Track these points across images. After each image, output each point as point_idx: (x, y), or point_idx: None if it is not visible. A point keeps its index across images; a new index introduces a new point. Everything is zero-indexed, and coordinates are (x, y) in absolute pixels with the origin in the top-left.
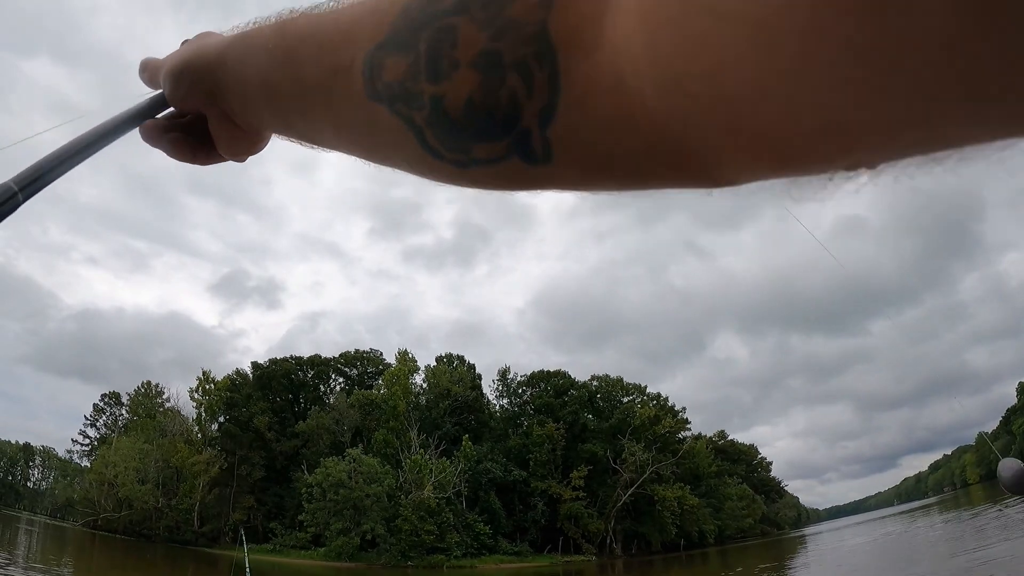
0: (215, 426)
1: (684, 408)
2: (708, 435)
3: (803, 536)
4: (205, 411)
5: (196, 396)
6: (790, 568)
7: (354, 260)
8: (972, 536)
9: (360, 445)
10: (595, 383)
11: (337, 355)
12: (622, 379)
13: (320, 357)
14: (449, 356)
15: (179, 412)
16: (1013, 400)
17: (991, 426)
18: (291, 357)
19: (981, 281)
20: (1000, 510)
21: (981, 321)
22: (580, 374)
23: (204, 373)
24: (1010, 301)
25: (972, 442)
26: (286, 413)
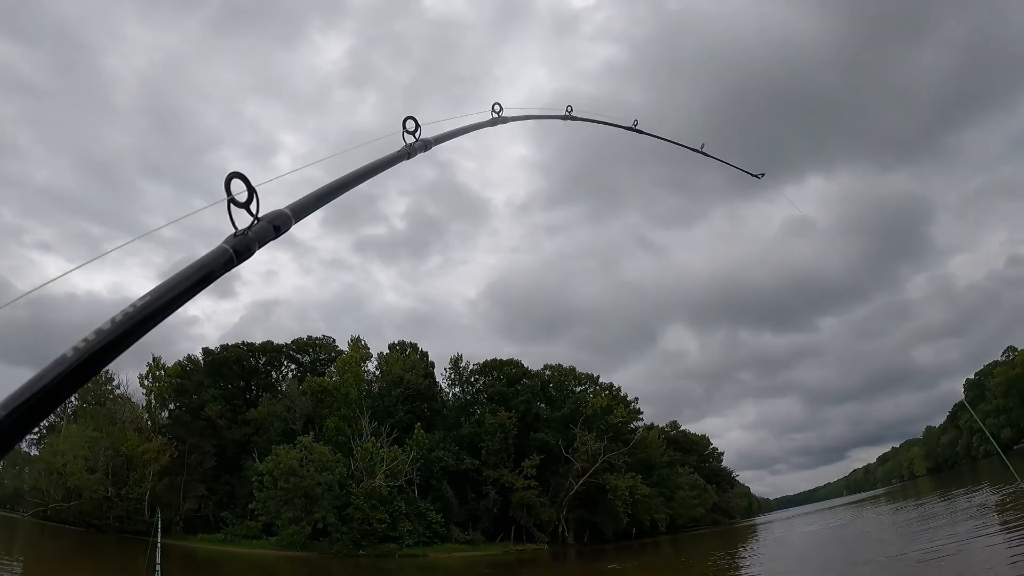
0: (165, 413)
1: (636, 399)
2: (660, 425)
3: (754, 525)
4: (155, 398)
5: (146, 383)
6: (742, 555)
7: (308, 250)
8: (918, 524)
9: (312, 433)
10: (548, 372)
11: (289, 342)
12: (575, 369)
13: (272, 343)
14: (402, 343)
15: (129, 399)
16: (960, 396)
17: (938, 421)
18: (243, 343)
19: (929, 282)
20: (947, 502)
21: (928, 320)
22: (532, 364)
23: (154, 359)
24: (957, 302)
25: (920, 436)
26: (237, 400)
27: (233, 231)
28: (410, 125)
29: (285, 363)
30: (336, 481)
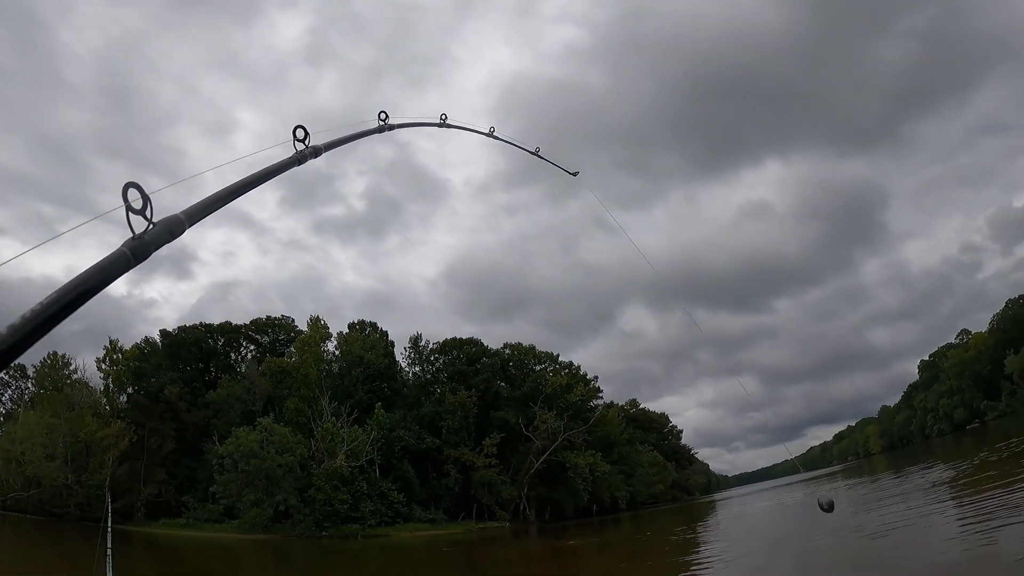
0: (124, 398)
1: (596, 377)
2: (620, 404)
3: (712, 501)
4: (113, 382)
5: (104, 367)
6: (701, 531)
7: (266, 230)
8: (873, 500)
9: (272, 414)
10: (508, 351)
11: (248, 322)
12: (534, 347)
13: (231, 324)
14: (362, 323)
15: (87, 384)
16: (914, 377)
17: (893, 400)
18: (201, 324)
19: (883, 267)
20: (901, 478)
21: (883, 304)
22: (492, 343)
23: (111, 342)
24: (911, 286)
25: (875, 415)
26: (196, 383)
27: (131, 235)
28: (300, 133)
29: (244, 344)
30: (297, 462)
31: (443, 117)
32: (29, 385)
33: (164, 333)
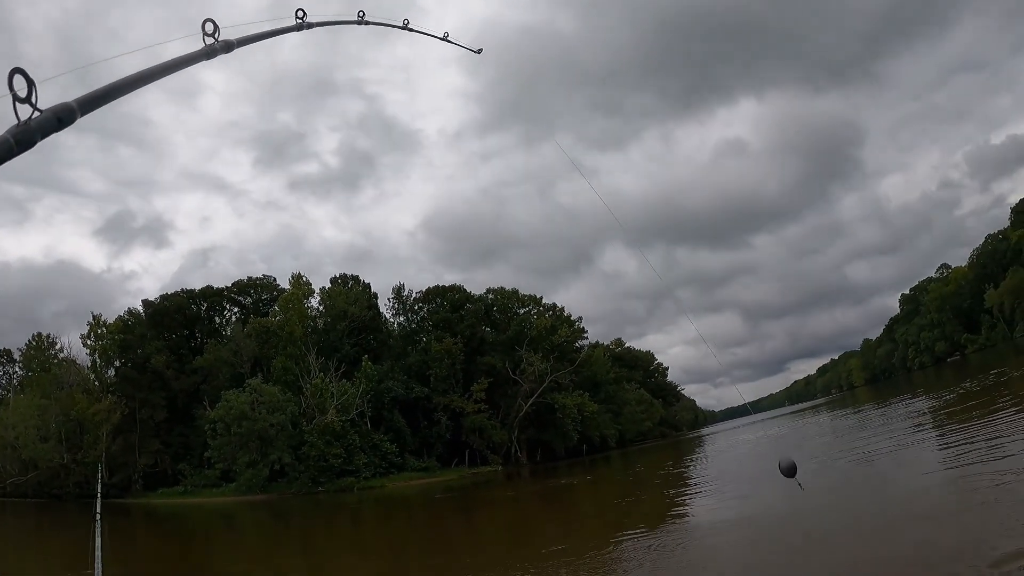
0: (112, 372)
1: (580, 318)
2: (605, 344)
3: (700, 436)
4: (100, 357)
5: (89, 342)
6: (689, 464)
7: (241, 192)
8: (857, 428)
9: (260, 374)
10: (491, 296)
11: (230, 284)
12: (517, 291)
13: (212, 288)
14: (344, 276)
15: (74, 362)
16: (896, 311)
17: (874, 334)
18: (182, 291)
19: (861, 202)
20: (883, 410)
21: (861, 239)
22: (475, 290)
23: (95, 317)
24: (889, 222)
25: (857, 348)
26: (183, 349)
27: (16, 121)
28: (209, 27)
29: (227, 307)
30: (288, 421)
31: (360, 14)
32: (16, 369)
33: (147, 303)
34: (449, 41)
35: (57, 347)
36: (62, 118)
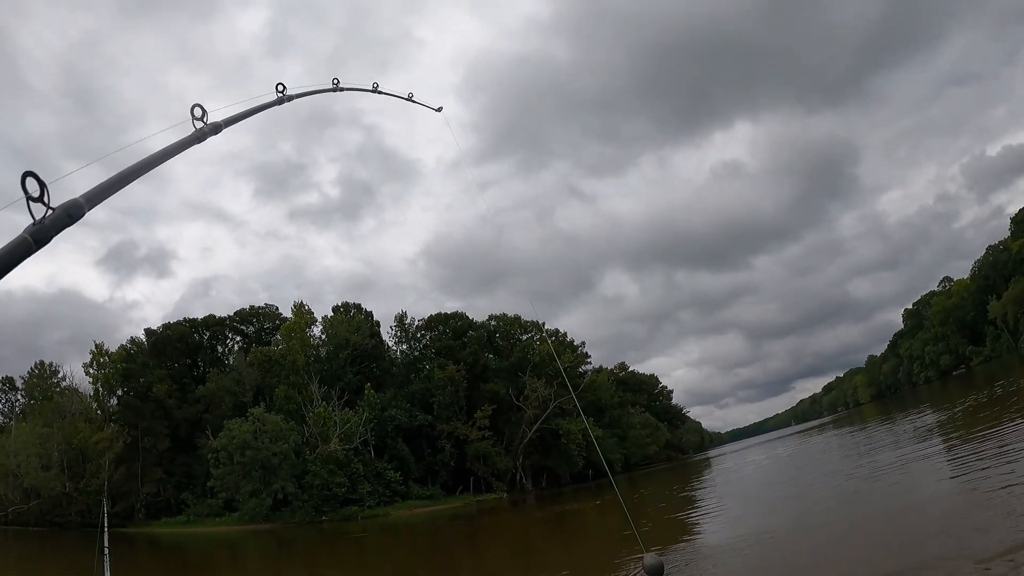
0: (114, 400)
1: (583, 343)
2: (609, 368)
3: (707, 458)
4: (102, 386)
5: (91, 371)
6: (696, 487)
7: (242, 222)
8: (864, 446)
9: (262, 403)
10: (493, 323)
11: (232, 314)
12: (520, 317)
13: (215, 317)
14: (346, 305)
15: (76, 390)
16: (899, 326)
17: (879, 350)
18: (185, 320)
19: (859, 219)
20: (890, 426)
21: (861, 255)
22: (477, 317)
23: (97, 346)
24: (889, 237)
25: (862, 365)
26: (185, 378)
27: (31, 221)
28: (197, 112)
29: (230, 336)
30: (292, 450)
31: (335, 82)
32: (19, 397)
33: (149, 332)
34: (414, 101)
35: (59, 375)
36: (72, 214)
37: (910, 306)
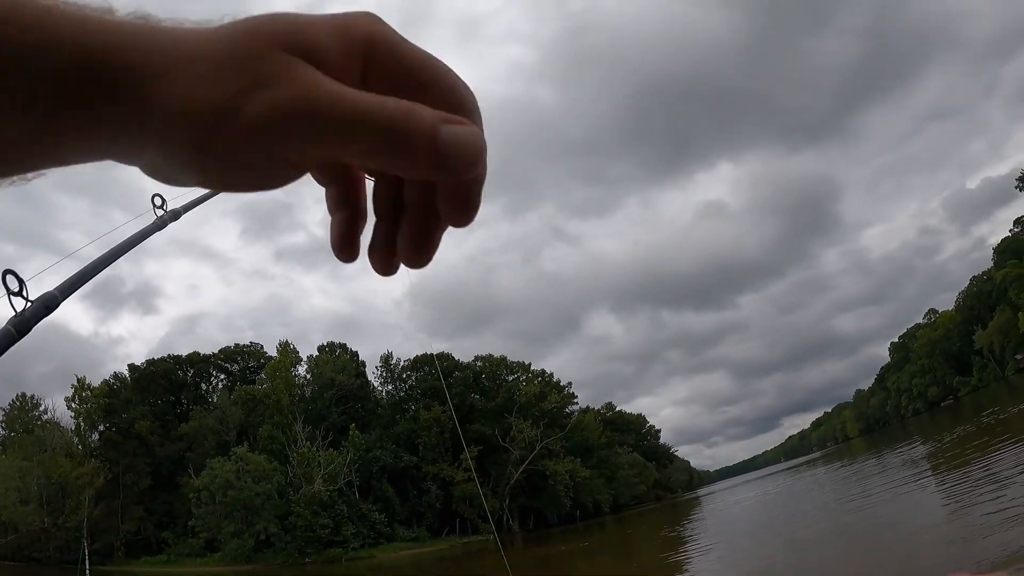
0: (96, 436)
1: (570, 383)
2: (596, 408)
3: (696, 497)
4: (84, 420)
5: (74, 405)
6: (684, 526)
7: (229, 262)
8: (855, 480)
9: (246, 443)
10: (479, 364)
11: (217, 351)
12: (506, 358)
13: (199, 355)
14: (331, 344)
15: (58, 424)
16: (886, 360)
17: (866, 384)
18: (169, 356)
19: (842, 256)
20: (879, 459)
21: (846, 291)
22: (463, 357)
23: (79, 380)
24: (872, 272)
25: (850, 399)
26: (168, 416)
27: (12, 314)
28: (158, 201)
29: (214, 373)
30: (275, 490)
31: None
32: (0, 428)
33: (132, 367)
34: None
35: (41, 408)
36: (48, 306)
37: (896, 339)
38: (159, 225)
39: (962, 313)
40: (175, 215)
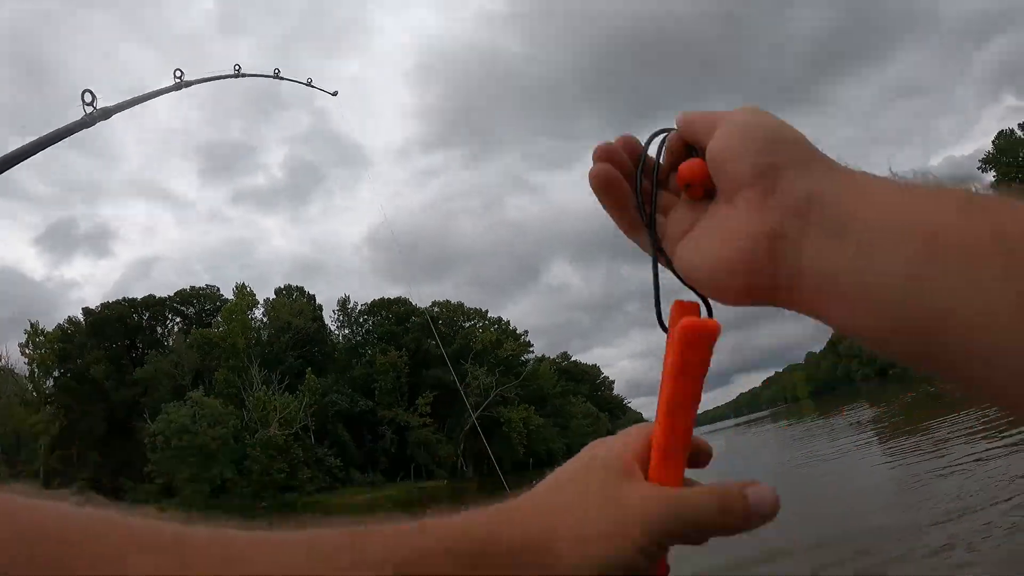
0: (51, 382)
1: (526, 331)
2: (551, 357)
3: None
4: (38, 367)
5: (27, 351)
6: None
7: (187, 204)
8: (803, 439)
9: (201, 387)
10: (436, 309)
11: (172, 294)
12: (463, 304)
13: (155, 297)
14: (289, 288)
15: (12, 371)
16: None
17: (818, 347)
18: (124, 299)
19: None
20: (828, 420)
21: None
22: (420, 303)
23: (32, 326)
24: None
25: (801, 361)
26: (123, 360)
27: None
28: (88, 97)
29: (170, 317)
30: (231, 435)
31: (236, 68)
32: None
33: (87, 311)
34: (312, 86)
35: None
36: None
37: None
38: (87, 122)
39: None
40: (105, 113)
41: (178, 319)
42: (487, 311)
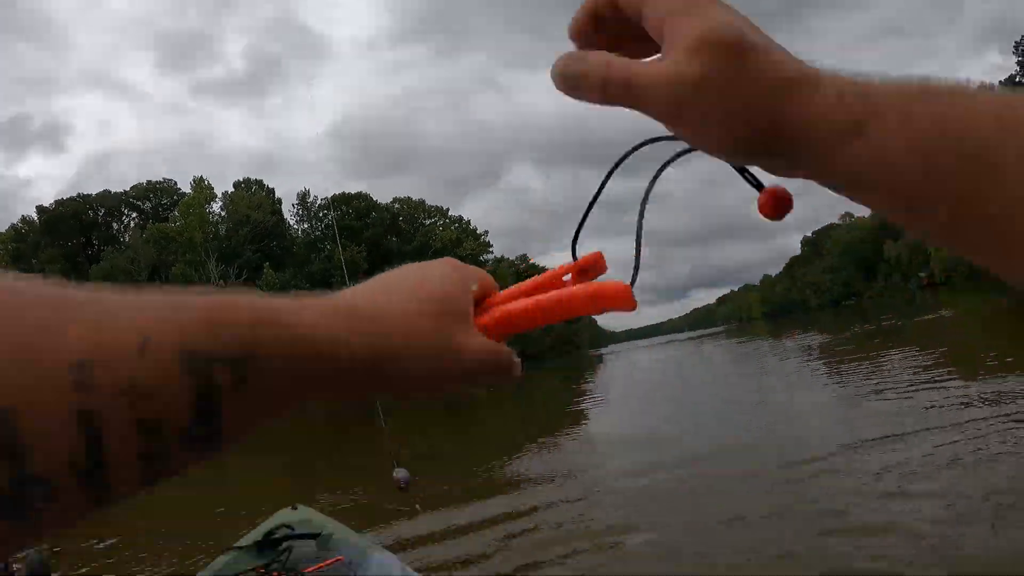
0: None
1: (486, 231)
2: (510, 258)
3: (600, 354)
4: None
5: None
6: (590, 379)
7: (143, 96)
8: (753, 356)
9: (158, 282)
10: (397, 206)
11: (128, 189)
12: (424, 202)
13: (110, 193)
14: (247, 181)
15: None
16: (796, 251)
17: (775, 271)
18: (79, 196)
19: None
20: (780, 342)
21: (772, 178)
22: (382, 199)
23: None
24: None
25: (757, 282)
26: (79, 258)
27: None
28: None
29: (126, 212)
30: None
31: None
32: None
33: (41, 209)
34: None
35: None
36: None
37: (809, 234)
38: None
39: (875, 220)
40: None
41: (135, 215)
42: (448, 209)
